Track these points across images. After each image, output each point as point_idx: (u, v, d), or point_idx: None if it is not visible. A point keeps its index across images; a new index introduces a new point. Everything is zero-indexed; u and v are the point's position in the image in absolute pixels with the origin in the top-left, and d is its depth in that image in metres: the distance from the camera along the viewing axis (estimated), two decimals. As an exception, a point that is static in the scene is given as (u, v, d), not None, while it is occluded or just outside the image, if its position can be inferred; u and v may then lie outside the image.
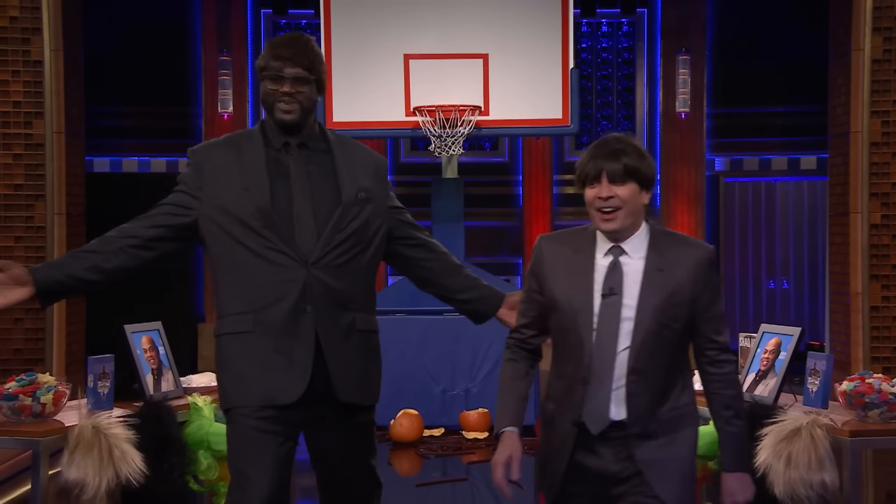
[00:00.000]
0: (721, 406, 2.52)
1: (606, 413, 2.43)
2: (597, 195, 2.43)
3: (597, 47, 8.79)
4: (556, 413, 2.51)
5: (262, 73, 2.72)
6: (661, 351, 2.44)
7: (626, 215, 2.43)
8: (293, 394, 2.62)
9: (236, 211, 2.65)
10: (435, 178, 7.02)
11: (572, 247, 2.52)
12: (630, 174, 2.42)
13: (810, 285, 8.89)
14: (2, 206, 6.17)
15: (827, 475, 3.33)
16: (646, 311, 2.41)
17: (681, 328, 2.46)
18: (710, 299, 2.49)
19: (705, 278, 2.47)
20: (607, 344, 2.42)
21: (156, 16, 8.32)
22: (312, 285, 2.64)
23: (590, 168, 2.44)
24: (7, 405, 3.50)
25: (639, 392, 2.42)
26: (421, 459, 5.63)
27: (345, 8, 6.77)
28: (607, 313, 2.42)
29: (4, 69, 6.12)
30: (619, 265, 2.45)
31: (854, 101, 6.50)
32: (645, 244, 2.48)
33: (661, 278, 2.44)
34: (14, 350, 6.16)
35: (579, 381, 2.43)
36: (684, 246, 2.50)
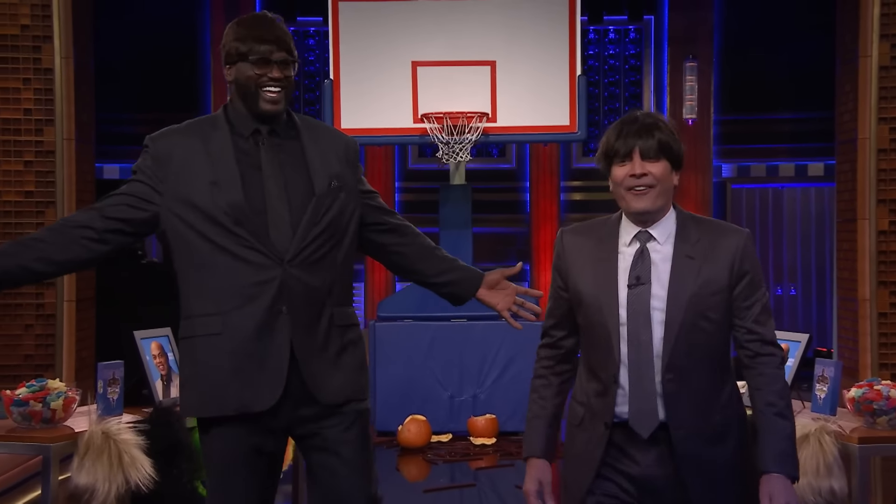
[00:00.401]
0: (764, 403, 2.29)
1: (655, 412, 2.26)
2: (629, 173, 2.27)
3: (604, 54, 8.81)
4: (587, 415, 2.35)
5: (243, 57, 2.51)
6: (700, 346, 2.27)
7: (658, 194, 2.28)
8: (267, 401, 2.46)
9: (205, 206, 2.46)
10: (443, 184, 7.03)
11: (596, 237, 2.37)
12: (664, 151, 2.28)
13: (818, 292, 8.88)
14: (13, 213, 6.19)
15: (835, 482, 3.33)
16: (678, 301, 2.25)
17: (720, 320, 2.29)
18: (748, 287, 2.31)
19: (742, 265, 2.30)
20: (640, 338, 2.25)
21: (165, 23, 8.37)
22: (289, 285, 2.47)
23: (619, 145, 2.29)
24: (17, 411, 3.51)
25: (677, 392, 2.25)
26: (429, 465, 5.64)
27: (353, 16, 6.80)
28: (635, 304, 2.26)
29: (15, 77, 6.15)
30: (646, 252, 2.30)
31: (862, 107, 6.50)
32: (673, 229, 2.32)
33: (692, 266, 2.27)
34: (24, 356, 6.17)
35: (611, 379, 2.28)
36: (718, 231, 2.33)
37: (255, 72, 2.50)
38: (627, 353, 2.26)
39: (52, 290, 6.18)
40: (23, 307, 6.19)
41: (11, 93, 6.15)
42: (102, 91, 7.25)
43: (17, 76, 6.14)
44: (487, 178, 8.59)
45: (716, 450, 2.29)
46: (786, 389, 2.33)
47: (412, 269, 2.80)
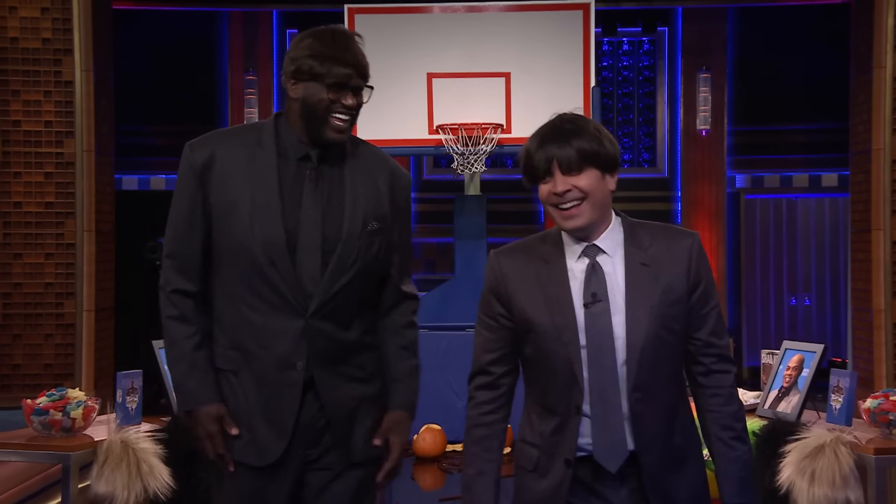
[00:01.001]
0: (719, 426, 2.10)
1: (624, 442, 2.04)
2: (551, 190, 2.04)
3: (618, 65, 8.83)
4: (543, 457, 2.10)
5: (317, 77, 2.25)
6: (664, 361, 2.06)
7: (591, 208, 2.04)
8: (270, 455, 2.28)
9: (239, 235, 2.25)
10: (458, 195, 7.07)
11: (538, 257, 2.12)
12: (587, 159, 2.02)
13: (832, 302, 8.86)
14: (33, 224, 6.26)
15: (852, 493, 3.31)
16: (639, 313, 2.03)
17: (681, 331, 2.08)
18: (704, 294, 2.10)
19: (699, 270, 2.09)
20: (604, 361, 2.02)
21: (184, 37, 8.45)
22: (311, 338, 2.27)
23: (538, 159, 2.04)
24: (38, 420, 3.55)
25: (645, 413, 2.04)
26: (444, 474, 5.65)
27: (369, 27, 6.85)
28: (595, 325, 2.03)
29: (37, 89, 6.23)
30: (598, 266, 2.07)
31: (876, 118, 6.50)
32: (621, 237, 2.10)
33: (649, 274, 2.06)
34: (44, 365, 6.24)
35: (573, 411, 2.04)
36: (667, 235, 2.12)
37: (328, 95, 2.25)
38: (589, 380, 2.03)
39: (71, 301, 6.24)
40: (43, 317, 6.26)
41: (33, 105, 6.23)
42: (122, 104, 7.32)
43: (38, 89, 6.23)
44: (502, 189, 8.61)
45: (680, 470, 2.10)
46: (741, 412, 2.15)
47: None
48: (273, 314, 2.25)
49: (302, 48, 2.27)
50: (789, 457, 3.37)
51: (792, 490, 3.33)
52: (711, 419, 2.12)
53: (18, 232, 6.24)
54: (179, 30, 8.40)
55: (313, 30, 2.31)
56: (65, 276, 6.26)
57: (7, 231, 6.22)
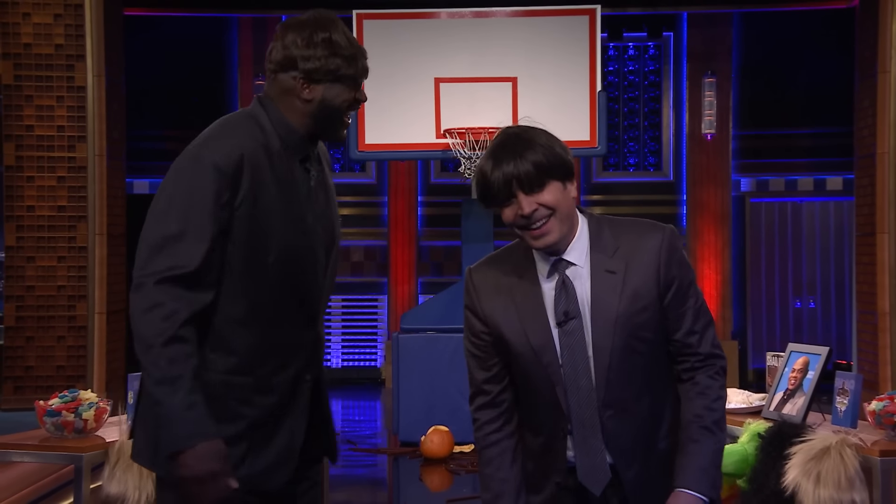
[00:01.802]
0: (692, 414, 1.98)
1: (606, 465, 1.96)
2: (517, 213, 1.91)
3: (624, 70, 8.88)
4: (537, 473, 2.03)
5: (343, 79, 2.08)
6: (637, 372, 1.95)
7: (559, 222, 1.93)
8: (282, 478, 2.08)
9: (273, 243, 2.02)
10: (465, 198, 7.10)
11: (513, 271, 2.01)
12: (546, 173, 1.90)
13: (837, 305, 8.89)
14: (46, 227, 6.33)
15: (857, 495, 3.30)
16: (604, 324, 1.93)
17: (654, 337, 1.97)
18: (678, 294, 1.97)
19: (669, 269, 1.96)
20: (581, 381, 1.93)
21: (194, 42, 8.51)
22: (316, 348, 2.14)
23: (495, 182, 1.89)
24: (50, 421, 3.55)
25: (619, 428, 1.95)
26: (451, 475, 5.67)
27: (376, 33, 6.89)
28: (570, 343, 1.93)
29: (49, 95, 6.30)
30: (568, 282, 1.95)
31: (881, 122, 6.54)
32: (587, 244, 1.98)
33: (614, 282, 1.94)
34: (57, 367, 6.30)
35: (560, 433, 1.97)
36: (635, 233, 1.98)
37: (353, 95, 2.10)
38: (569, 401, 1.95)
39: (83, 303, 6.31)
40: (55, 319, 6.32)
41: (45, 110, 6.30)
42: (133, 109, 7.39)
43: (51, 94, 6.30)
44: (508, 193, 8.65)
45: (666, 476, 1.98)
46: (719, 402, 2.00)
47: None
48: (292, 327, 2.08)
49: (318, 47, 2.04)
50: (794, 459, 3.36)
51: (797, 492, 3.33)
52: (685, 409, 2.01)
53: (31, 235, 6.30)
54: (190, 35, 8.46)
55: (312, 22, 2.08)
56: (77, 279, 6.32)
57: (20, 234, 6.28)
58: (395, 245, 8.83)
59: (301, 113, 2.08)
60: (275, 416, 2.05)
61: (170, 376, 1.90)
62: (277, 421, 2.05)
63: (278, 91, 2.09)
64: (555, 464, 1.99)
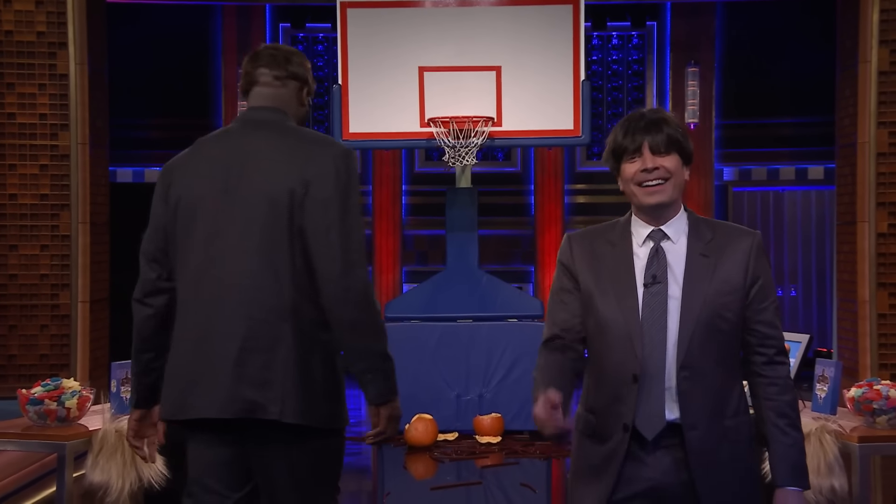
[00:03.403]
0: (775, 413, 2.22)
1: (662, 413, 2.18)
2: (640, 168, 2.22)
3: (607, 59, 8.90)
4: (600, 422, 2.25)
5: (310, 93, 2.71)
6: (715, 345, 2.19)
7: (672, 187, 2.23)
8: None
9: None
10: (449, 187, 7.12)
11: (606, 240, 2.30)
12: (673, 145, 2.24)
13: (818, 293, 8.96)
14: (28, 216, 6.29)
15: (836, 480, 3.36)
16: (694, 298, 2.18)
17: (735, 321, 2.21)
18: (762, 289, 2.24)
19: (757, 267, 2.24)
20: (656, 337, 2.18)
21: (178, 30, 8.47)
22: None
23: (628, 141, 2.23)
24: (33, 410, 3.57)
25: (692, 390, 2.17)
26: (435, 463, 5.71)
27: (361, 22, 6.88)
28: (652, 303, 2.19)
29: (31, 82, 6.26)
30: (661, 250, 2.23)
31: (861, 112, 6.58)
32: (686, 228, 2.27)
33: (707, 264, 2.21)
34: (40, 356, 6.28)
35: (629, 379, 2.18)
36: (730, 232, 2.29)
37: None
38: (644, 352, 2.18)
39: (66, 292, 6.29)
40: (38, 308, 6.29)
41: (27, 98, 6.26)
42: (116, 97, 7.35)
43: (33, 82, 6.25)
44: (493, 182, 8.68)
45: (728, 451, 2.21)
46: (796, 400, 2.27)
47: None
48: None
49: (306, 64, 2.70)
50: (775, 444, 3.42)
51: (777, 477, 3.38)
52: (767, 406, 2.24)
53: (14, 224, 6.27)
54: (173, 23, 8.42)
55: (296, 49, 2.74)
56: (60, 267, 6.30)
57: (2, 223, 6.25)
58: (380, 234, 8.83)
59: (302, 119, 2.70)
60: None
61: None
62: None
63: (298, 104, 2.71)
64: (623, 409, 2.19)
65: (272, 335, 2.39)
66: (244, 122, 2.59)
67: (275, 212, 2.41)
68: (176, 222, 2.51)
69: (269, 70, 2.60)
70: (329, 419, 2.47)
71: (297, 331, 2.41)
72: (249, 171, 2.46)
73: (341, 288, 2.39)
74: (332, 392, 2.48)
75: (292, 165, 2.44)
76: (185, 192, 2.50)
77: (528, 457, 5.75)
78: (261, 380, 2.38)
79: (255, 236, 2.42)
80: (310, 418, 2.42)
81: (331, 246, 2.39)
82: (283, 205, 2.41)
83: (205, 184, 2.49)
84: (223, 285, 2.43)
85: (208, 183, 2.49)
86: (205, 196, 2.48)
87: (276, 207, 2.42)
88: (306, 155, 2.46)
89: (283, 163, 2.45)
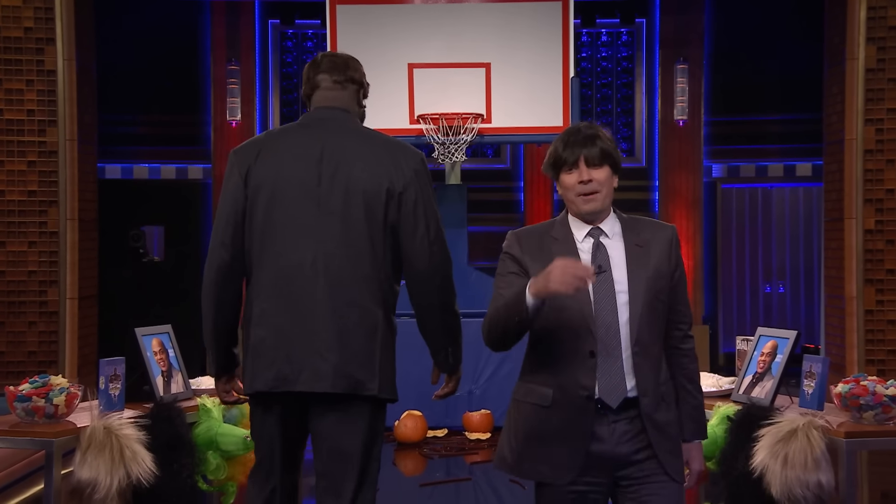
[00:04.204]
0: (686, 379, 2.62)
1: (623, 385, 2.48)
2: (577, 179, 2.54)
3: (597, 56, 8.90)
4: (558, 393, 2.50)
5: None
6: (655, 324, 2.54)
7: (605, 196, 2.55)
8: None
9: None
10: (439, 184, 7.11)
11: (549, 236, 2.60)
12: (605, 158, 2.54)
13: (806, 289, 9.00)
14: (16, 212, 6.27)
15: (823, 476, 3.36)
16: (639, 284, 2.51)
17: (666, 301, 2.57)
18: (681, 274, 2.62)
19: (677, 254, 2.61)
20: (608, 318, 2.48)
21: (166, 26, 8.44)
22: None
23: (567, 154, 2.54)
24: (21, 406, 3.55)
25: (642, 363, 2.50)
26: (425, 460, 5.71)
27: (350, 18, 6.87)
28: (602, 289, 2.49)
29: (19, 78, 6.23)
30: (602, 245, 2.56)
31: (849, 109, 6.61)
32: (618, 225, 2.60)
33: (643, 254, 2.55)
34: (28, 352, 6.26)
35: (587, 354, 2.47)
36: (653, 226, 2.63)
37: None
38: (598, 331, 2.48)
39: (54, 289, 6.27)
40: (27, 304, 6.28)
41: (15, 94, 6.23)
42: (104, 93, 7.33)
43: (20, 78, 6.23)
44: (482, 178, 8.67)
45: (666, 413, 2.56)
46: (698, 369, 2.71)
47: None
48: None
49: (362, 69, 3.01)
50: (763, 441, 3.43)
51: (765, 473, 3.39)
52: (681, 374, 2.63)
53: (1, 220, 6.25)
54: (162, 19, 8.38)
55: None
56: (48, 264, 6.28)
57: (-10, 220, 6.23)
58: (369, 230, 8.79)
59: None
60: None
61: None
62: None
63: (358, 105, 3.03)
64: (583, 381, 2.47)
65: (372, 320, 2.75)
66: (313, 119, 2.87)
67: (372, 208, 2.73)
68: (256, 207, 2.75)
69: (329, 76, 2.89)
70: (395, 394, 2.88)
71: (387, 317, 2.81)
72: (345, 167, 2.75)
73: (436, 278, 2.80)
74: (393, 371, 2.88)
75: (385, 167, 2.76)
76: (270, 179, 2.75)
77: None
78: (364, 359, 2.74)
79: (354, 229, 2.73)
80: (394, 393, 2.86)
81: (421, 243, 2.78)
82: (380, 202, 2.74)
83: (294, 173, 2.75)
84: (321, 271, 2.71)
85: (299, 173, 2.75)
86: (295, 185, 2.74)
87: (372, 204, 2.73)
88: (395, 159, 2.79)
89: (376, 164, 2.76)
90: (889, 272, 6.55)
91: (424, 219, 2.80)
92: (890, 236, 6.54)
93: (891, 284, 6.54)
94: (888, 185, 6.55)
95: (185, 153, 8.55)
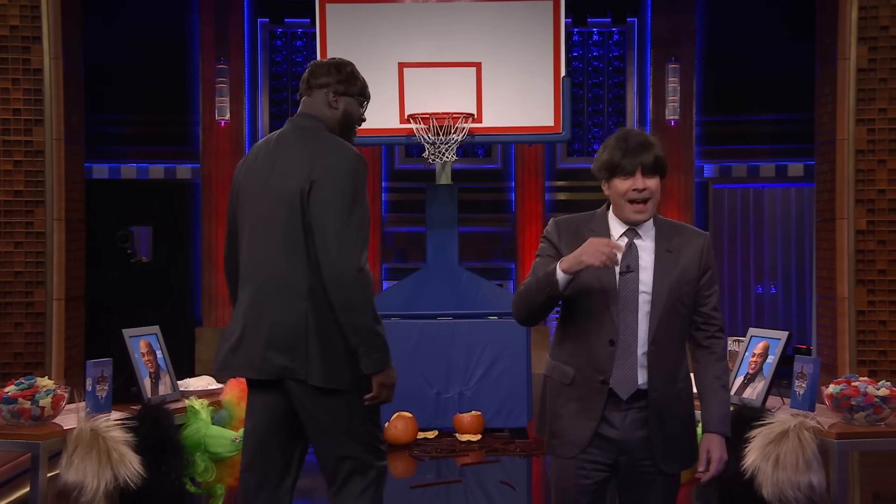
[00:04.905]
0: (713, 377, 2.69)
1: (635, 378, 2.61)
2: (632, 187, 2.61)
3: (588, 56, 8.90)
4: (578, 375, 2.64)
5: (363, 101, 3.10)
6: (675, 326, 2.64)
7: (654, 205, 2.65)
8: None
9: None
10: (429, 184, 7.09)
11: (588, 228, 2.69)
12: (658, 167, 2.63)
13: (797, 290, 9.00)
14: (2, 212, 6.23)
15: (814, 477, 3.37)
16: (662, 287, 2.61)
17: (690, 305, 2.67)
18: (710, 279, 2.71)
19: (708, 260, 2.70)
20: (629, 315, 2.60)
21: (155, 25, 8.40)
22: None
23: (626, 162, 2.60)
24: (7, 408, 3.53)
25: (656, 361, 2.60)
26: (415, 461, 5.69)
27: (340, 17, 6.84)
28: (626, 288, 2.61)
29: (5, 77, 6.19)
30: (634, 246, 2.65)
31: (840, 109, 6.61)
32: (653, 230, 2.69)
33: (671, 259, 2.64)
34: (14, 354, 6.21)
35: (606, 342, 2.60)
36: (687, 233, 2.73)
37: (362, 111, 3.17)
38: (618, 323, 2.61)
39: (41, 289, 6.22)
40: (13, 305, 6.23)
41: (1, 93, 6.19)
42: (91, 92, 7.29)
43: (6, 77, 6.18)
44: (473, 178, 8.66)
45: (677, 410, 2.66)
46: (728, 368, 2.79)
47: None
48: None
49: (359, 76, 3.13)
50: (754, 442, 3.44)
51: (757, 474, 3.39)
52: (708, 372, 2.70)
53: (-13, 221, 6.21)
54: (150, 18, 8.35)
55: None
56: (35, 264, 6.24)
57: (-24, 220, 6.18)
58: (360, 231, 8.78)
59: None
60: None
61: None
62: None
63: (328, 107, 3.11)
64: (601, 366, 2.60)
65: (297, 312, 2.86)
66: (290, 125, 3.05)
67: (292, 208, 2.87)
68: (237, 210, 3.04)
69: (303, 84, 3.08)
70: (349, 382, 2.89)
71: (315, 309, 2.86)
72: (277, 171, 2.93)
73: (335, 274, 2.83)
74: (351, 360, 2.89)
75: (304, 168, 2.88)
76: (242, 184, 3.03)
77: (508, 455, 5.74)
78: (288, 348, 2.87)
79: (279, 227, 2.89)
80: (332, 381, 2.87)
81: (322, 239, 2.84)
82: (297, 202, 2.86)
83: (253, 179, 2.99)
84: (259, 267, 2.93)
85: (254, 178, 2.98)
86: (250, 190, 2.98)
87: (293, 204, 2.87)
88: (314, 156, 2.89)
89: (298, 166, 2.89)
90: (881, 273, 6.55)
91: (327, 215, 2.85)
92: (881, 237, 6.54)
93: (882, 285, 6.54)
94: (880, 185, 6.55)
95: (174, 153, 8.51)
